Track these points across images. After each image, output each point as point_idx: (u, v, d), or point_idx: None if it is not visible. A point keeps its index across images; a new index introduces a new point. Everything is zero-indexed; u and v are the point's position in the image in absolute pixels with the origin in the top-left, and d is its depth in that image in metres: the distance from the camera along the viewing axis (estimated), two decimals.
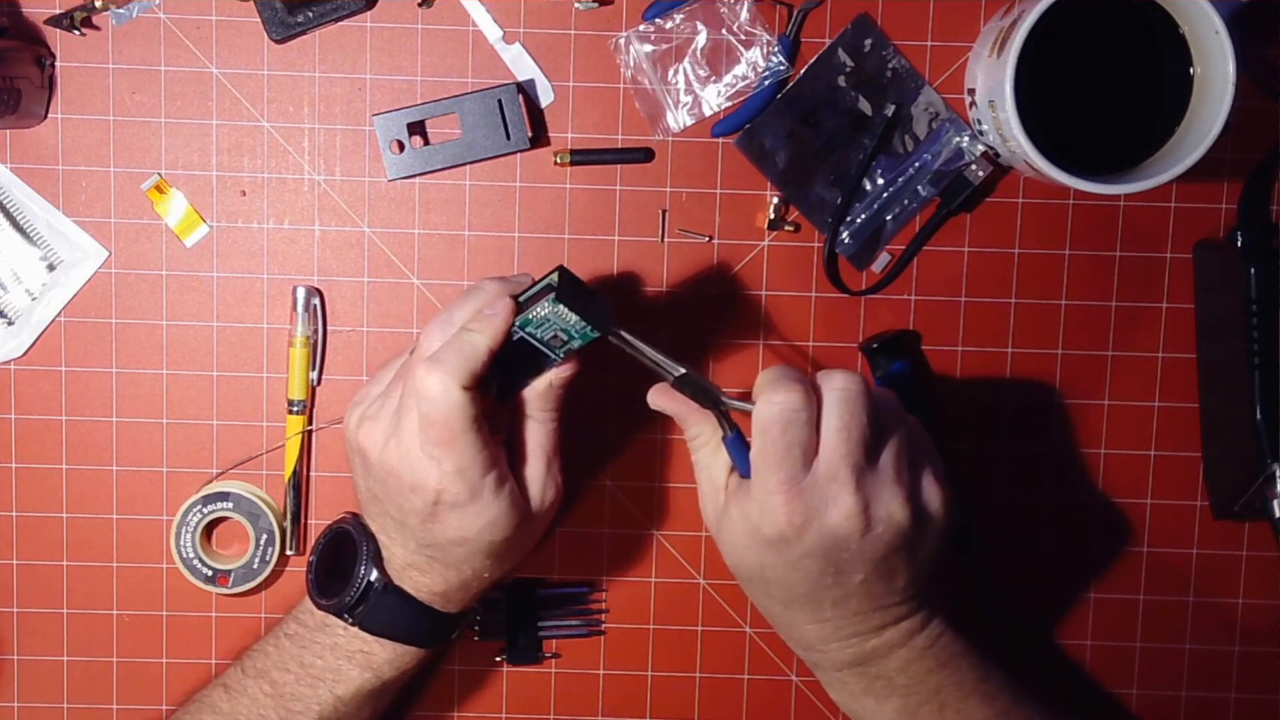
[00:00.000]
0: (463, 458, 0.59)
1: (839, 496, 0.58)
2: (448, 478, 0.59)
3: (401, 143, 0.72)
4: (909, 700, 0.63)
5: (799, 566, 0.60)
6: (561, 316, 0.60)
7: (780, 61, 0.72)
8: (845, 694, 0.65)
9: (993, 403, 0.75)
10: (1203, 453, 0.75)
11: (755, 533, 0.60)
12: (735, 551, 0.62)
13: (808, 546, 0.59)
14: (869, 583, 0.60)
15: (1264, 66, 0.72)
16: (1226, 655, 0.76)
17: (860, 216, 0.73)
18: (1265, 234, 0.71)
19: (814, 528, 0.58)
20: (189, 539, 0.74)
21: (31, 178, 0.73)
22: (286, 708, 0.65)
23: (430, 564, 0.63)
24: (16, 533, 0.75)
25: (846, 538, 0.58)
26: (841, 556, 0.59)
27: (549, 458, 0.65)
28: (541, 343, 0.62)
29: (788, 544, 0.59)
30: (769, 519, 0.59)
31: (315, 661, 0.65)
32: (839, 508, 0.58)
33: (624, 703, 0.76)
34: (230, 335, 0.74)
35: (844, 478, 0.58)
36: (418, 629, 0.65)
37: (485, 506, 0.61)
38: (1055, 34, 0.63)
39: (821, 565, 0.59)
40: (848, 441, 0.58)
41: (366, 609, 0.64)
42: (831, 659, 0.63)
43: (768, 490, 0.58)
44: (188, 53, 0.72)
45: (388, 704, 0.69)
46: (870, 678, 0.63)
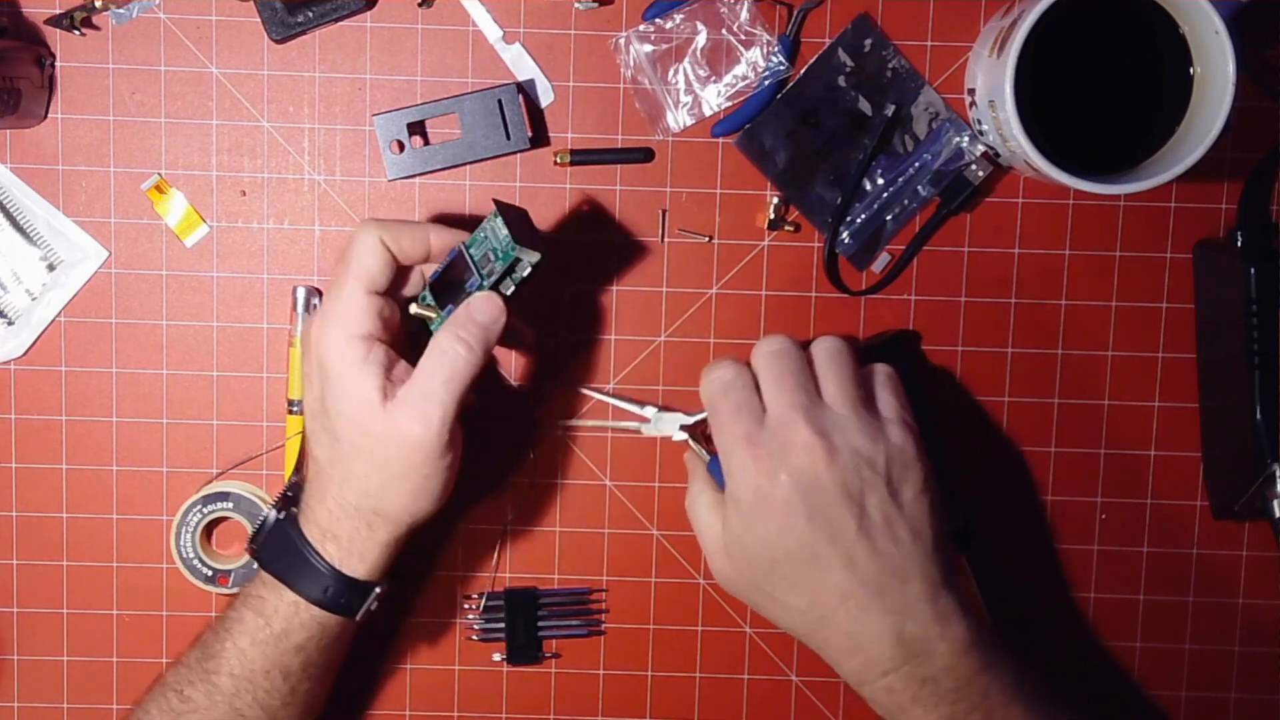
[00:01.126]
0: (352, 310, 0.62)
1: (794, 433, 0.61)
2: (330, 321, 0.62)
3: (401, 143, 0.72)
4: (957, 709, 0.62)
5: (788, 525, 0.61)
6: (496, 233, 0.63)
7: (780, 61, 0.72)
8: (893, 704, 0.63)
9: (992, 403, 0.75)
10: (1203, 453, 0.75)
11: (740, 507, 0.62)
12: (745, 545, 0.62)
13: (785, 494, 0.60)
14: (868, 534, 0.61)
15: (1264, 66, 0.72)
16: (1227, 655, 0.76)
17: (860, 216, 0.73)
18: (1265, 234, 0.71)
19: (782, 470, 0.60)
20: (189, 539, 0.74)
21: (31, 178, 0.73)
22: (204, 668, 0.65)
23: (316, 475, 0.64)
24: (16, 533, 0.75)
25: (814, 470, 0.60)
26: (821, 498, 0.60)
27: (439, 388, 0.61)
28: (474, 262, 0.64)
29: (767, 500, 0.61)
30: (743, 482, 0.61)
31: (229, 614, 0.66)
32: (797, 441, 0.60)
33: (624, 703, 0.76)
34: (230, 335, 0.74)
35: (793, 417, 0.61)
36: (303, 572, 0.64)
37: (357, 369, 0.61)
38: (1055, 34, 0.63)
39: (807, 513, 0.60)
40: (785, 389, 0.62)
41: (266, 540, 0.65)
42: (874, 658, 0.62)
43: (732, 455, 0.61)
44: (188, 53, 0.72)
45: (298, 675, 0.66)
46: (918, 682, 0.62)
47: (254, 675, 0.65)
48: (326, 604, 0.64)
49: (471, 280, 0.64)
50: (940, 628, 0.62)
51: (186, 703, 0.65)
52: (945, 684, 0.62)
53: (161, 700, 0.66)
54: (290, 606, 0.64)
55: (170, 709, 0.66)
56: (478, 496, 0.75)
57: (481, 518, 0.75)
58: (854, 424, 0.62)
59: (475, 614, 0.75)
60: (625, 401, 0.74)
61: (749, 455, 0.61)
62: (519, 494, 0.75)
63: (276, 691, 0.66)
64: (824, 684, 0.76)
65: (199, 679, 0.65)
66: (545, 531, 0.75)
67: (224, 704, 0.65)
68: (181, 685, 0.66)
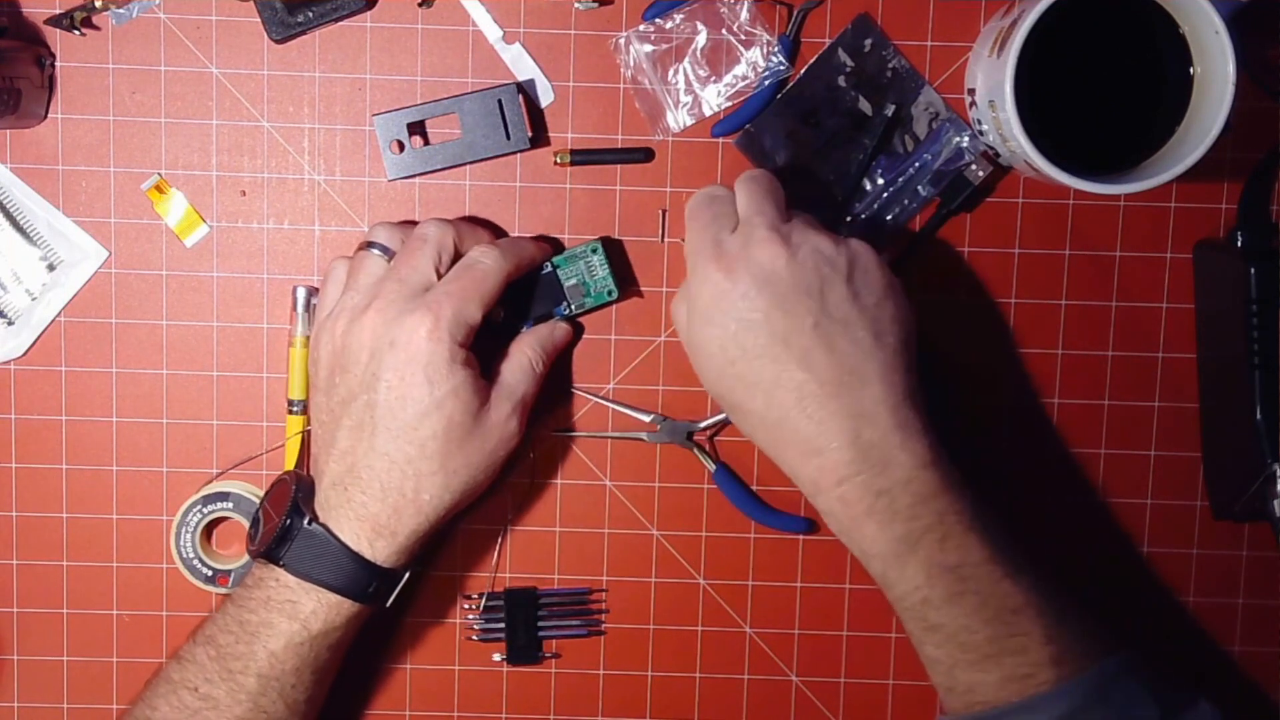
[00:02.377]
0: (459, 316, 0.64)
1: (756, 231, 0.63)
2: (443, 324, 0.63)
3: (401, 143, 0.72)
4: (912, 526, 0.61)
5: (745, 319, 0.62)
6: (593, 268, 0.71)
7: (780, 61, 0.72)
8: (847, 516, 0.62)
9: (993, 403, 0.75)
10: (1203, 453, 0.75)
11: (699, 305, 0.63)
12: (702, 344, 0.64)
13: (743, 288, 0.62)
14: (826, 332, 0.62)
15: (1264, 66, 0.72)
16: (1227, 655, 0.76)
17: (860, 216, 0.73)
18: (1265, 234, 0.71)
19: (741, 264, 0.62)
20: (189, 539, 0.74)
21: (31, 178, 0.73)
22: (227, 668, 0.65)
23: (372, 476, 0.64)
24: (16, 533, 0.75)
25: (772, 264, 0.62)
26: (777, 290, 0.61)
27: (525, 394, 0.68)
28: (563, 286, 0.71)
29: (724, 296, 0.62)
30: (704, 280, 0.63)
31: (250, 618, 0.65)
32: (758, 237, 0.62)
33: (624, 703, 0.76)
34: (230, 335, 0.74)
35: (757, 220, 0.63)
36: (341, 571, 0.64)
37: (453, 373, 0.64)
38: (1055, 34, 0.63)
39: (765, 307, 0.61)
40: (754, 199, 0.64)
41: (292, 549, 0.65)
42: (831, 463, 0.62)
43: (697, 257, 0.64)
44: (188, 53, 0.72)
45: (326, 665, 0.67)
46: (873, 494, 0.61)
47: (284, 674, 0.65)
48: (369, 599, 0.66)
49: (560, 305, 0.71)
50: (900, 437, 0.61)
51: (205, 700, 0.65)
52: (901, 499, 0.61)
53: (173, 698, 0.66)
54: (331, 608, 0.65)
55: (184, 705, 0.65)
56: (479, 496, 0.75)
57: (481, 518, 0.75)
58: (816, 230, 0.64)
59: (475, 614, 0.75)
60: (627, 408, 0.74)
61: (712, 256, 0.63)
62: (519, 494, 0.75)
63: (303, 686, 0.66)
64: (824, 684, 0.76)
65: (220, 679, 0.65)
66: (545, 531, 0.75)
67: (248, 701, 0.65)
68: (196, 683, 0.65)
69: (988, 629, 0.61)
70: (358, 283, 0.67)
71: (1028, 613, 0.61)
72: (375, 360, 0.64)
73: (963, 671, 0.62)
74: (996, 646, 0.61)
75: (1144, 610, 0.76)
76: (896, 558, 0.62)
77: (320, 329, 0.67)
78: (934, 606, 0.62)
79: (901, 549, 0.62)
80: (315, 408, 0.68)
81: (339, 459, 0.65)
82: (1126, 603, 0.75)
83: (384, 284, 0.65)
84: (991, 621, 0.61)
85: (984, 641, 0.61)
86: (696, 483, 0.75)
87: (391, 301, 0.64)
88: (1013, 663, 0.61)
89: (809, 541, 0.75)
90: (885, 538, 0.62)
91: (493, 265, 0.66)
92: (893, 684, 0.76)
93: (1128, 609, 0.76)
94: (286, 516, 0.65)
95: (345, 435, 0.65)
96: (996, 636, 0.61)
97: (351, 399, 0.65)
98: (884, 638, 0.76)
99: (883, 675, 0.76)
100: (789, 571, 0.75)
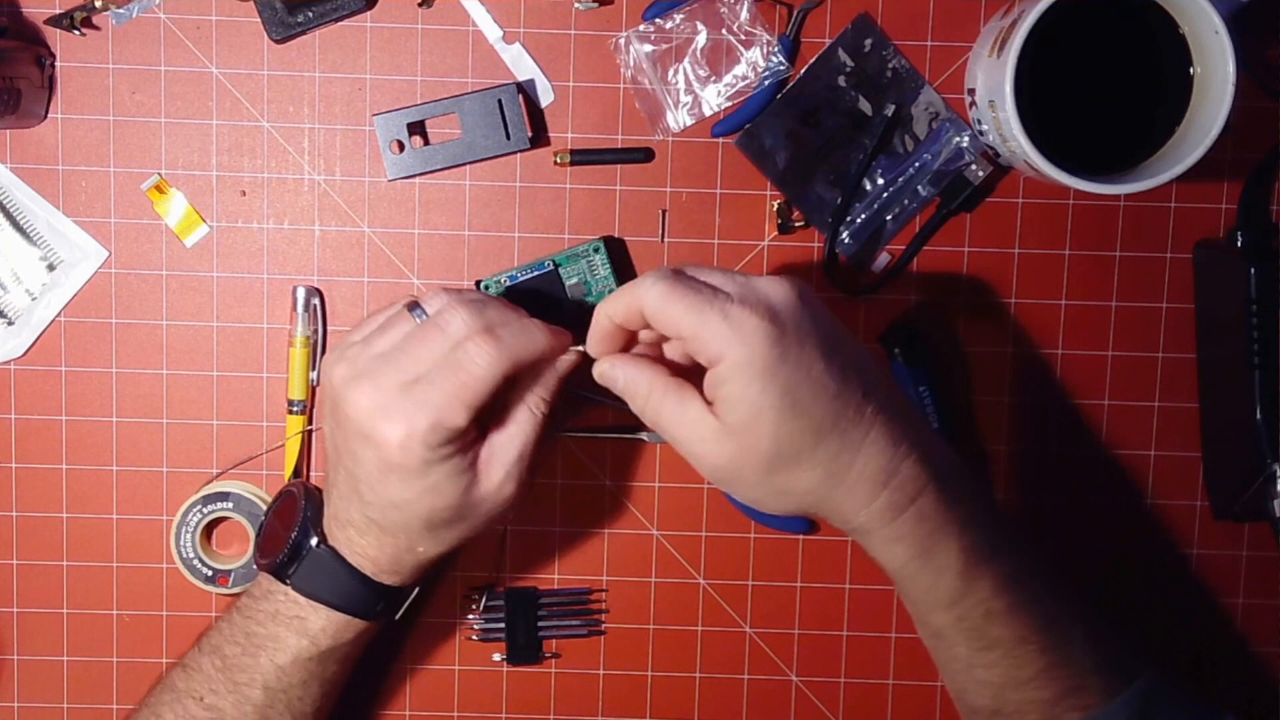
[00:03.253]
0: (439, 424, 0.59)
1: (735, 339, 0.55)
2: (415, 438, 0.59)
3: (401, 143, 0.72)
4: (982, 535, 0.59)
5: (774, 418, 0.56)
6: (595, 267, 0.71)
7: (780, 61, 0.72)
8: (924, 533, 0.58)
9: (992, 403, 0.75)
10: (1203, 453, 0.75)
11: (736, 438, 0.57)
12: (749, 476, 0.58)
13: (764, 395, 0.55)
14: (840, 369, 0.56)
15: (1264, 66, 0.72)
16: (1227, 655, 0.76)
17: (860, 216, 0.73)
18: (1265, 234, 0.71)
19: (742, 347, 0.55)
20: (189, 539, 0.74)
21: (31, 178, 0.73)
22: (233, 680, 0.65)
23: (368, 526, 0.63)
24: (16, 533, 0.75)
25: (768, 356, 0.55)
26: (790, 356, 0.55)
27: (522, 451, 0.63)
28: (564, 284, 0.71)
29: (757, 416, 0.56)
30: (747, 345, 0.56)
31: (258, 630, 0.65)
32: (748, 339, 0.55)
33: (624, 703, 0.76)
34: (230, 335, 0.74)
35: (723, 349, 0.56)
36: (349, 593, 0.64)
37: (425, 474, 0.60)
38: (1055, 34, 0.63)
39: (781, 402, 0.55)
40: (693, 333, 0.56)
41: (300, 569, 0.64)
42: (907, 478, 0.57)
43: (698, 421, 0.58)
44: (188, 53, 0.72)
45: (335, 678, 0.68)
46: (947, 504, 0.58)
47: (291, 688, 0.66)
48: (378, 616, 0.66)
49: (565, 306, 0.71)
50: (940, 444, 0.59)
51: (211, 710, 0.65)
52: (972, 506, 0.59)
53: (178, 706, 0.66)
54: (340, 625, 0.65)
55: (189, 715, 0.65)
56: None
57: None
58: (752, 281, 0.57)
59: (475, 614, 0.75)
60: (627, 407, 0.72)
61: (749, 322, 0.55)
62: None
63: (311, 698, 0.67)
64: (824, 684, 0.76)
65: (226, 690, 0.65)
66: (545, 531, 0.75)
67: (255, 714, 0.65)
68: (202, 693, 0.65)
69: (1038, 638, 0.60)
70: (375, 343, 0.62)
71: (1067, 619, 0.61)
72: (356, 441, 0.61)
73: (1013, 691, 0.61)
74: (1047, 658, 0.60)
75: (1144, 610, 0.76)
76: (966, 569, 0.59)
77: (332, 358, 0.63)
78: (996, 618, 0.59)
79: (975, 559, 0.59)
80: (323, 421, 0.66)
81: (338, 499, 0.64)
82: (1127, 603, 0.75)
83: (384, 363, 0.61)
84: (1042, 630, 0.60)
85: (1037, 653, 0.60)
86: (696, 483, 0.75)
87: (381, 388, 0.60)
88: (1063, 675, 0.60)
89: (809, 541, 0.75)
90: (959, 548, 0.58)
91: (484, 369, 0.60)
92: (893, 684, 0.76)
93: (1128, 609, 0.76)
94: (295, 535, 0.64)
95: (340, 481, 0.64)
96: (1049, 646, 0.60)
97: (339, 456, 0.63)
98: (884, 638, 0.76)
99: (883, 675, 0.76)
100: (789, 571, 0.75)
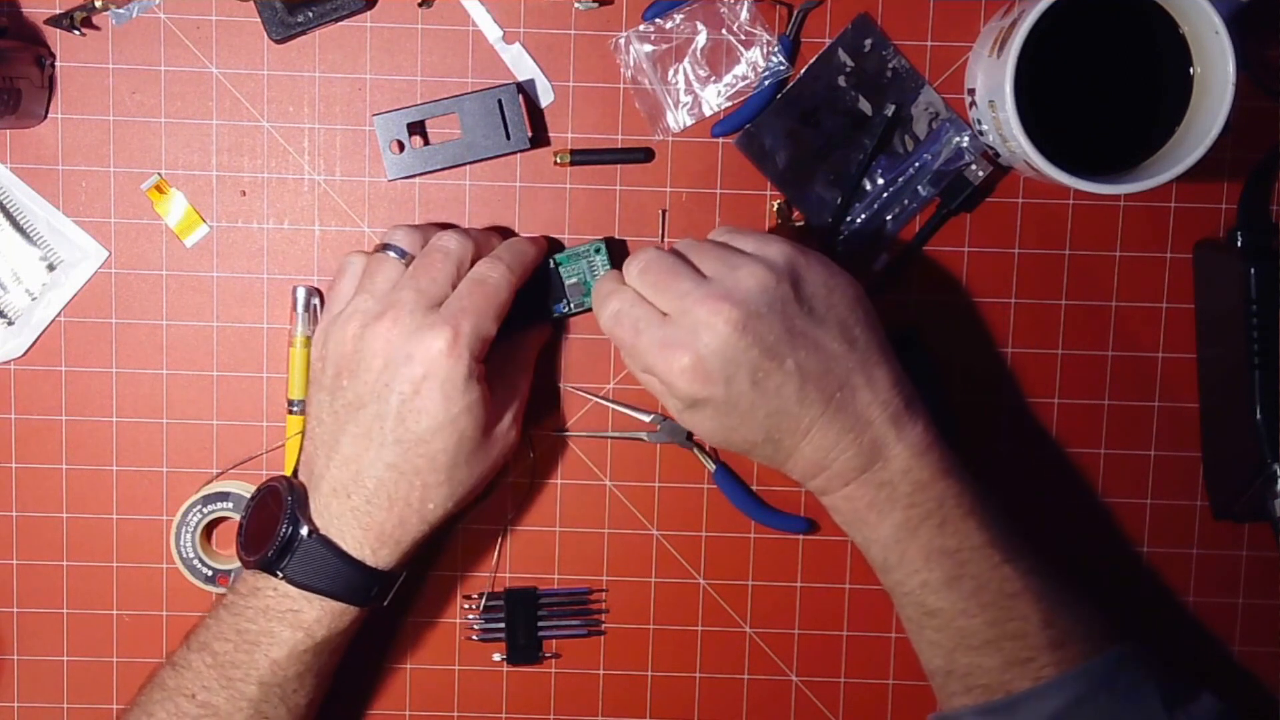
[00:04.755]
0: (477, 332, 0.64)
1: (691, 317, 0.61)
2: (461, 340, 0.63)
3: (401, 143, 0.72)
4: (911, 513, 0.62)
5: (725, 400, 0.61)
6: (595, 268, 0.71)
7: (780, 61, 0.72)
8: (851, 511, 0.64)
9: (992, 403, 0.75)
10: (1203, 453, 0.75)
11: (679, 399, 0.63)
12: (698, 428, 0.64)
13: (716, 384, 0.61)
14: (801, 365, 0.61)
15: (1264, 66, 0.72)
16: (1227, 655, 0.76)
17: (860, 216, 0.73)
18: (1265, 234, 0.71)
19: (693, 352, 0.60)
20: (189, 539, 0.74)
21: (31, 178, 0.73)
22: (226, 676, 0.65)
23: (379, 487, 0.64)
24: (16, 533, 0.75)
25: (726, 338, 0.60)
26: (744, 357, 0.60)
27: (520, 400, 0.69)
28: (564, 283, 0.71)
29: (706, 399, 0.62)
30: (680, 385, 0.62)
31: (250, 627, 0.65)
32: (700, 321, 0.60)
33: (624, 703, 0.76)
34: (230, 335, 0.74)
35: (685, 305, 0.61)
36: (345, 580, 0.65)
37: (469, 389, 0.63)
38: (1055, 34, 0.63)
39: (740, 377, 0.61)
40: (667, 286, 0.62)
41: (293, 560, 0.64)
42: (838, 471, 0.63)
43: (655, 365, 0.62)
44: (188, 53, 0.72)
45: (327, 668, 0.68)
46: (875, 487, 0.62)
47: (286, 681, 0.66)
48: (371, 603, 0.66)
49: (560, 303, 0.71)
50: (895, 430, 0.62)
51: (204, 707, 0.65)
52: (901, 488, 0.62)
53: (169, 704, 0.65)
54: (335, 614, 0.65)
55: (182, 713, 0.65)
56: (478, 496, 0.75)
57: (481, 518, 0.75)
58: (735, 274, 0.61)
59: (475, 614, 0.75)
60: (627, 407, 0.74)
61: (665, 359, 0.61)
62: (519, 494, 0.75)
63: (305, 690, 0.67)
64: (824, 684, 0.76)
65: (219, 686, 0.65)
66: (545, 531, 0.75)
67: (249, 709, 0.65)
68: (194, 690, 0.65)
69: (985, 613, 0.62)
70: (374, 286, 0.66)
71: (1026, 597, 0.62)
72: (389, 371, 0.63)
73: (963, 655, 0.63)
74: (995, 631, 0.62)
75: (1144, 610, 0.76)
76: (897, 543, 0.63)
77: (331, 325, 0.66)
78: (933, 590, 0.63)
79: (902, 534, 0.63)
80: (316, 405, 0.67)
81: (342, 465, 0.65)
82: (1127, 603, 0.75)
83: (401, 292, 0.64)
84: (989, 606, 0.62)
85: (982, 626, 0.62)
86: (696, 483, 0.75)
87: (411, 313, 0.63)
88: (1012, 647, 0.62)
89: (809, 541, 0.75)
90: (887, 524, 0.63)
91: (501, 279, 0.66)
92: (893, 684, 0.76)
93: (1128, 609, 0.76)
94: (285, 527, 0.64)
95: (350, 442, 0.64)
96: (995, 620, 0.62)
97: (360, 406, 0.64)
98: (884, 638, 0.76)
99: (883, 675, 0.76)
100: (789, 571, 0.75)
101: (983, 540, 0.62)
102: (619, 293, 0.64)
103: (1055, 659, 0.61)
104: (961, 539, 0.62)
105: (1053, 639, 0.62)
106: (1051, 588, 0.63)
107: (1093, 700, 0.60)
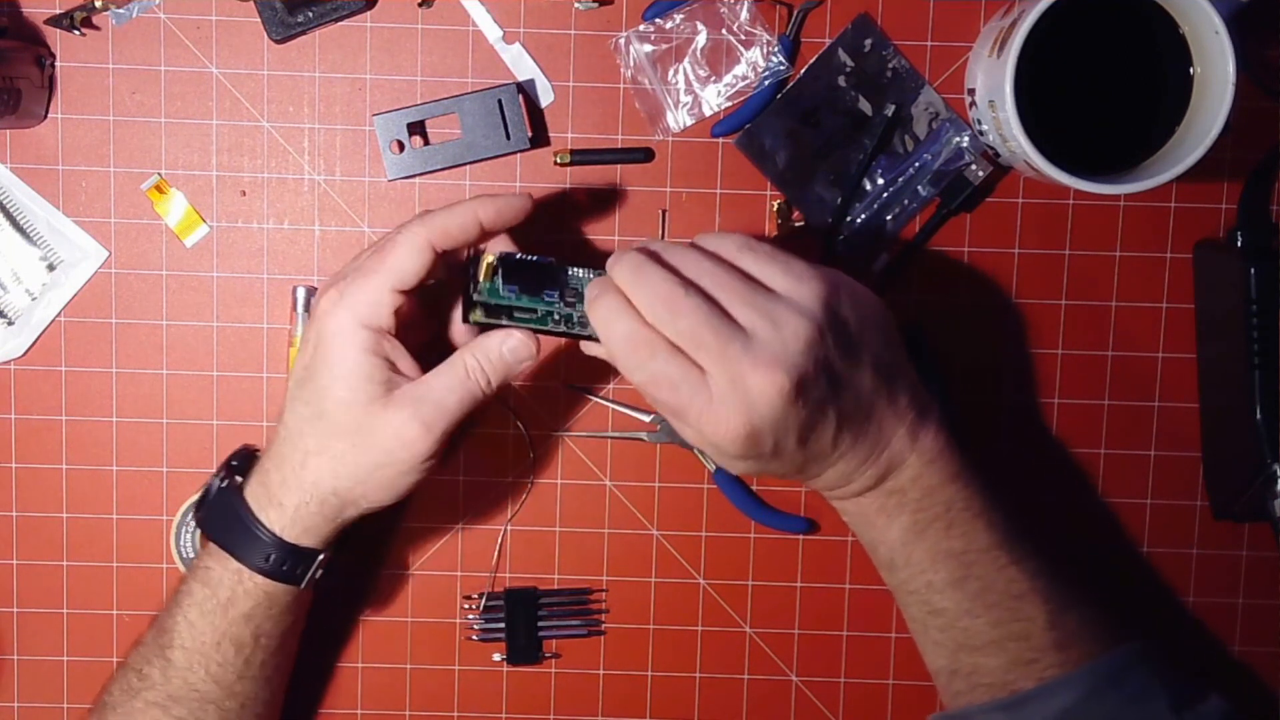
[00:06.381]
0: (362, 289, 0.60)
1: (741, 385, 0.57)
2: (344, 300, 0.60)
3: (401, 143, 0.72)
4: (919, 517, 0.63)
5: (771, 468, 0.61)
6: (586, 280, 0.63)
7: (780, 61, 0.72)
8: (860, 515, 0.64)
9: (993, 403, 0.75)
10: (1203, 453, 0.75)
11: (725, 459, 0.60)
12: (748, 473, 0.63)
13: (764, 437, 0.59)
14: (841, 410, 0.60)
15: (1264, 66, 0.72)
16: (1227, 655, 0.76)
17: (860, 216, 0.73)
18: (1265, 234, 0.71)
19: (747, 419, 0.58)
20: (189, 539, 0.74)
21: (31, 178, 0.73)
22: (160, 644, 0.66)
23: (274, 448, 0.63)
24: (16, 533, 0.75)
25: (778, 406, 0.57)
26: (797, 419, 0.58)
27: (439, 400, 0.61)
28: (567, 277, 0.63)
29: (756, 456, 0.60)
30: (732, 451, 0.59)
31: (179, 588, 0.66)
32: (753, 391, 0.57)
33: (624, 703, 0.76)
34: (230, 335, 0.74)
35: (735, 370, 0.57)
36: (238, 536, 0.64)
37: (343, 353, 0.60)
38: (1055, 34, 0.63)
39: (796, 436, 0.59)
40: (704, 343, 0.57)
41: (205, 509, 0.65)
42: (858, 485, 0.63)
43: (703, 434, 0.59)
44: (188, 53, 0.72)
45: (251, 648, 0.66)
46: (885, 494, 0.63)
47: (204, 648, 0.65)
48: (270, 572, 0.64)
49: (551, 294, 0.63)
50: (910, 442, 0.62)
51: (144, 680, 0.66)
52: (911, 494, 0.63)
53: (122, 680, 0.67)
54: (234, 575, 0.64)
55: (129, 688, 0.66)
56: (478, 496, 0.75)
57: (482, 518, 0.75)
58: (780, 334, 0.57)
59: (475, 614, 0.75)
60: (627, 408, 0.74)
61: (715, 425, 0.58)
62: (519, 494, 0.75)
63: (229, 664, 0.65)
64: (824, 684, 0.76)
65: (155, 655, 0.66)
66: (545, 531, 0.75)
67: (177, 679, 0.65)
68: (140, 664, 0.66)
69: (990, 614, 0.62)
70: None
71: (1031, 599, 0.62)
72: (313, 332, 0.63)
73: (966, 655, 0.63)
74: (999, 631, 0.62)
75: (1144, 610, 0.76)
76: (904, 545, 0.63)
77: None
78: (938, 591, 0.63)
79: (909, 537, 0.63)
80: None
81: (287, 434, 0.64)
82: (1126, 603, 0.75)
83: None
84: (994, 607, 0.62)
85: (987, 626, 0.62)
86: (696, 483, 0.75)
87: (329, 285, 0.63)
88: (1016, 648, 0.62)
89: (809, 541, 0.75)
90: (895, 527, 0.63)
91: (402, 236, 0.61)
92: (893, 684, 0.76)
93: (1128, 609, 0.76)
94: (214, 477, 0.66)
95: (299, 402, 0.64)
96: (999, 621, 0.62)
97: (306, 375, 0.63)
98: (884, 638, 0.76)
99: (883, 675, 0.76)
100: (789, 571, 0.75)
101: (990, 542, 0.63)
102: (648, 344, 0.58)
103: (1059, 660, 0.61)
104: (968, 541, 0.62)
105: (1057, 640, 0.62)
106: (1059, 590, 0.63)
107: (1100, 699, 0.60)
